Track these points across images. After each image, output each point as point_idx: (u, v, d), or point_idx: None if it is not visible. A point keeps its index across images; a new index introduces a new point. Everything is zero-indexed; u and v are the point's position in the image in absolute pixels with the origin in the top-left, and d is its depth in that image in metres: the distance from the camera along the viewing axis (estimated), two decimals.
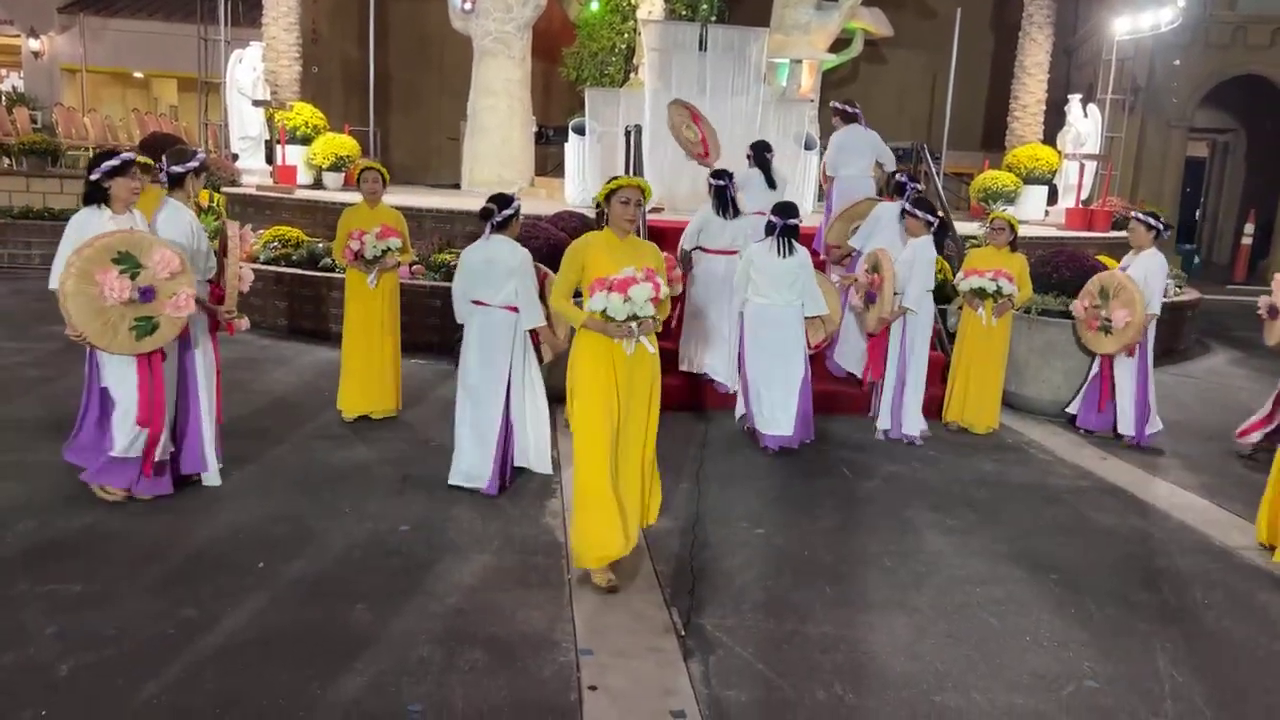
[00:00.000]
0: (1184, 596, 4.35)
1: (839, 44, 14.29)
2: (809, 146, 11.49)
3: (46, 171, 13.41)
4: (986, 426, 6.85)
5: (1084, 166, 12.93)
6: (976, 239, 8.40)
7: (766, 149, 7.63)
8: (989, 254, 6.92)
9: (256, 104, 11.95)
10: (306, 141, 12.06)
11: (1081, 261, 7.61)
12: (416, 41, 16.42)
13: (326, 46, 15.97)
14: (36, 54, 20.54)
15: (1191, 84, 17.25)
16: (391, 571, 4.15)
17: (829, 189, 8.38)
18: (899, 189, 7.15)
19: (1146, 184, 17.15)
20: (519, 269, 4.93)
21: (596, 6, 13.69)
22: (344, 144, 12.00)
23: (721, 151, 9.11)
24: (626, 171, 8.82)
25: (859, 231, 7.38)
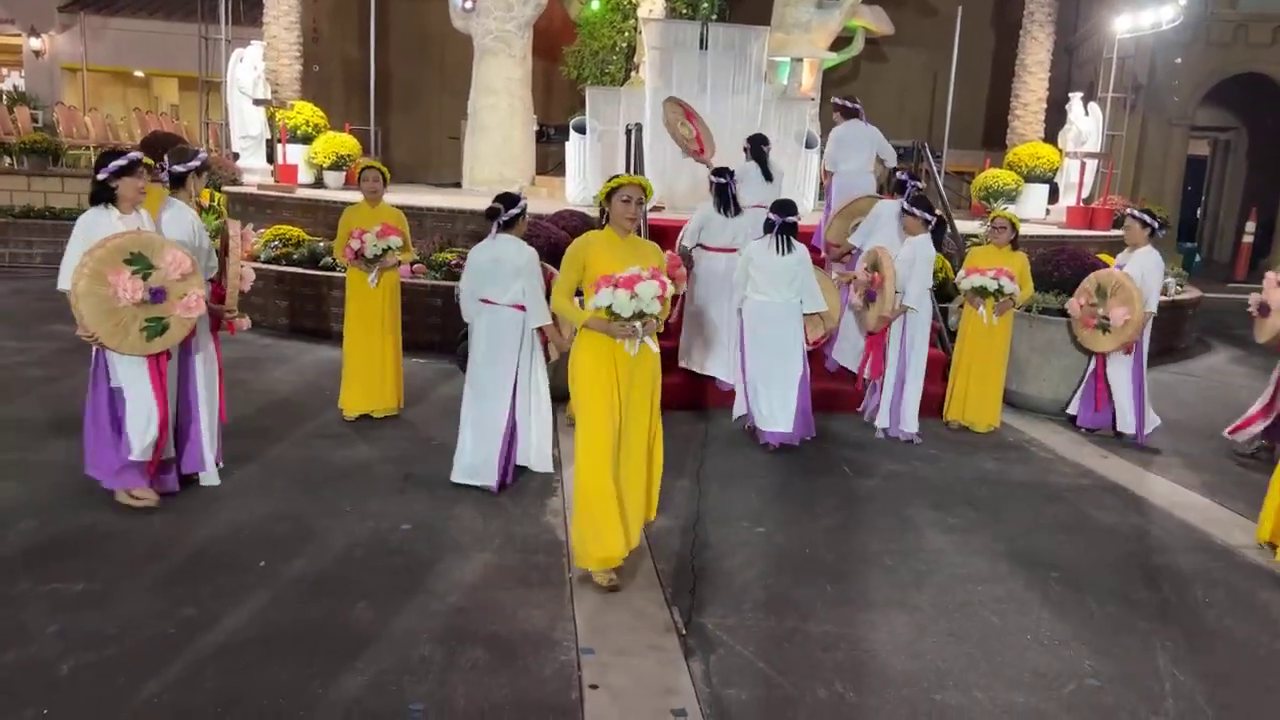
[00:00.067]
0: (1185, 595, 4.35)
1: (840, 42, 14.27)
2: (810, 145, 11.49)
3: (47, 171, 13.40)
4: (987, 425, 6.86)
5: (1085, 165, 12.92)
6: (978, 237, 8.40)
7: (763, 142, 7.63)
8: (990, 252, 6.92)
9: (257, 103, 11.95)
10: (307, 140, 12.06)
11: (1083, 260, 7.61)
12: (417, 40, 16.42)
13: (327, 45, 15.98)
14: (37, 53, 20.56)
15: (1193, 82, 17.23)
16: (393, 570, 4.15)
17: (828, 184, 8.39)
18: (899, 187, 7.15)
19: (1148, 182, 17.14)
20: (526, 268, 4.94)
21: (597, 5, 13.68)
22: (345, 143, 12.00)
23: (717, 148, 9.12)
24: (627, 170, 8.82)
25: (859, 229, 7.38)
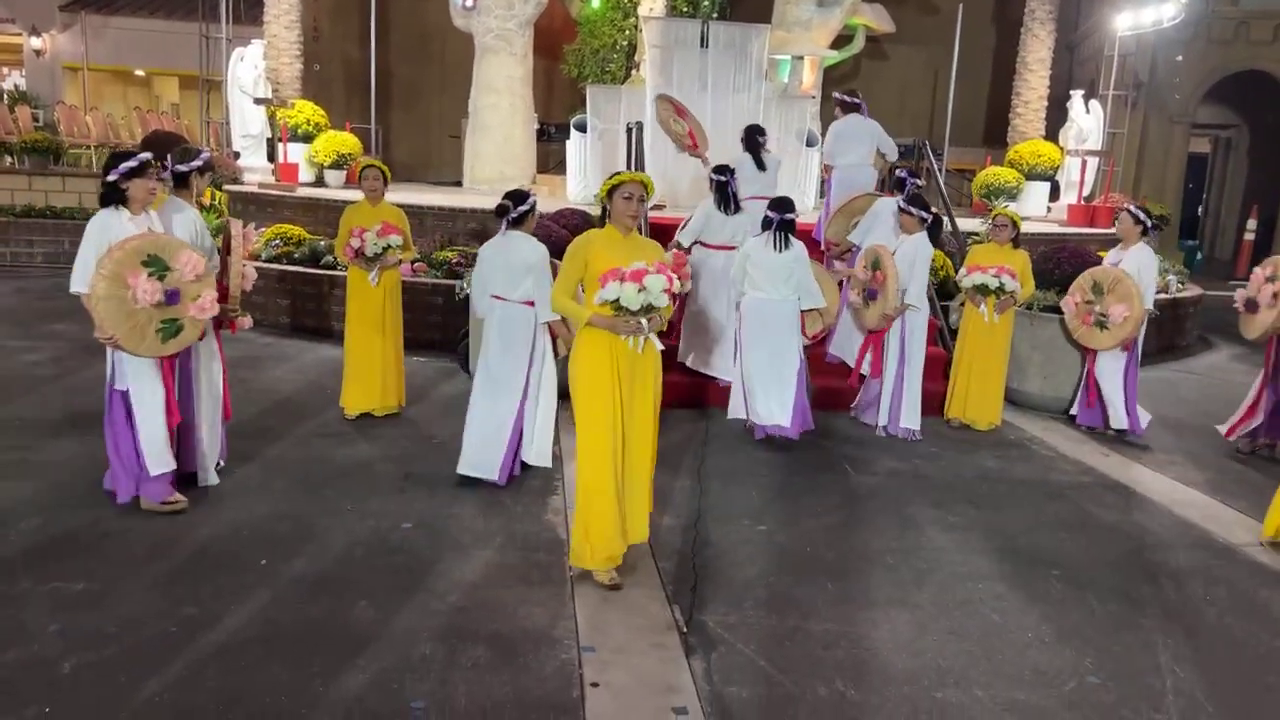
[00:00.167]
0: (1186, 593, 4.35)
1: (840, 40, 14.24)
2: (810, 143, 11.48)
3: (48, 170, 13.41)
4: (989, 423, 6.85)
5: (1086, 162, 12.90)
6: (979, 235, 8.40)
7: (759, 132, 7.62)
8: (991, 250, 6.92)
9: (258, 102, 11.94)
10: (308, 139, 12.05)
11: (1084, 258, 7.60)
12: (417, 39, 16.40)
13: (327, 44, 15.96)
14: (38, 52, 20.57)
15: (1194, 80, 17.20)
16: (393, 569, 4.16)
17: (828, 179, 8.39)
18: (899, 184, 7.15)
19: (1149, 180, 17.11)
20: (536, 265, 4.97)
21: (598, 3, 13.66)
22: (345, 142, 11.99)
23: (714, 144, 9.12)
24: (628, 168, 8.81)
25: (858, 227, 7.38)
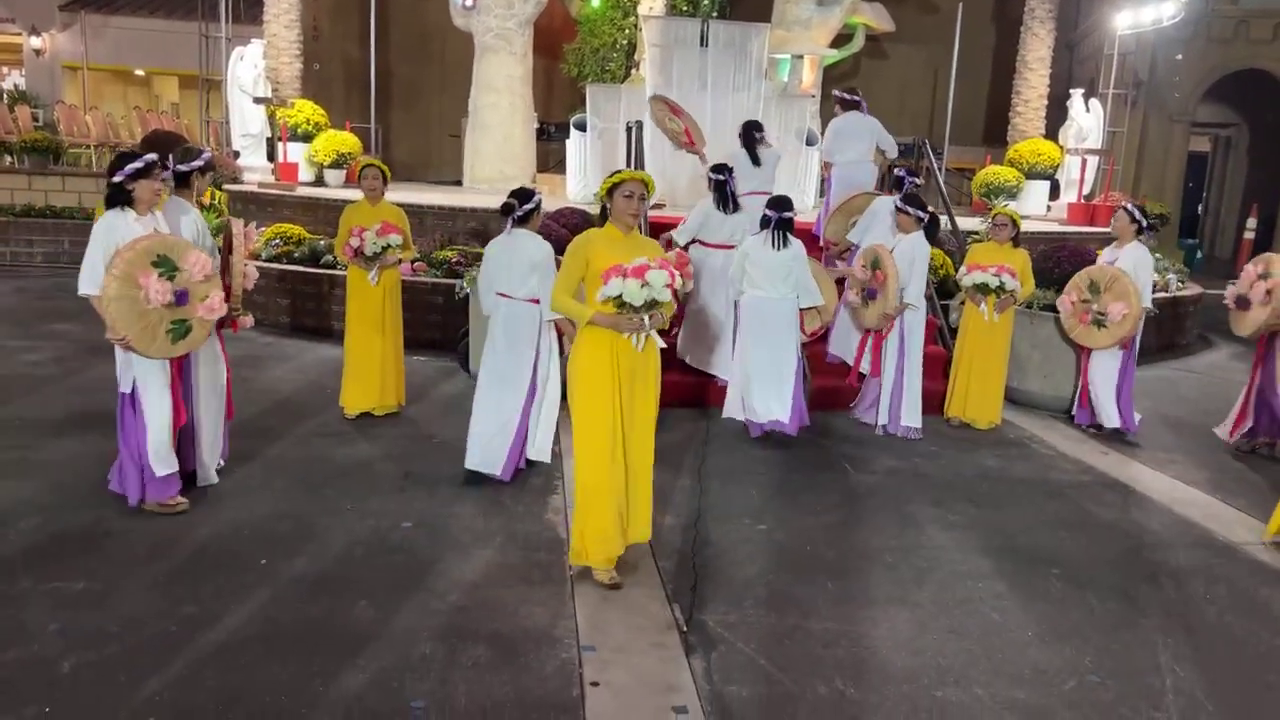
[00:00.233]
0: (1186, 591, 4.35)
1: (840, 39, 14.23)
2: (810, 142, 11.47)
3: (48, 170, 13.40)
4: (989, 422, 6.85)
5: (1086, 161, 12.90)
6: (979, 234, 8.39)
7: (755, 128, 7.62)
8: (991, 249, 6.92)
9: (258, 101, 11.95)
10: (308, 139, 12.05)
11: (1084, 257, 7.60)
12: (417, 38, 16.39)
13: (327, 43, 15.96)
14: (38, 52, 20.56)
15: (1193, 79, 17.19)
16: (393, 568, 4.16)
17: (828, 177, 8.39)
18: (898, 183, 7.16)
19: (1149, 179, 17.10)
20: (542, 262, 4.99)
21: (598, 2, 13.66)
22: (345, 141, 11.99)
23: (708, 140, 9.12)
24: (628, 167, 8.80)
25: (856, 225, 7.38)
